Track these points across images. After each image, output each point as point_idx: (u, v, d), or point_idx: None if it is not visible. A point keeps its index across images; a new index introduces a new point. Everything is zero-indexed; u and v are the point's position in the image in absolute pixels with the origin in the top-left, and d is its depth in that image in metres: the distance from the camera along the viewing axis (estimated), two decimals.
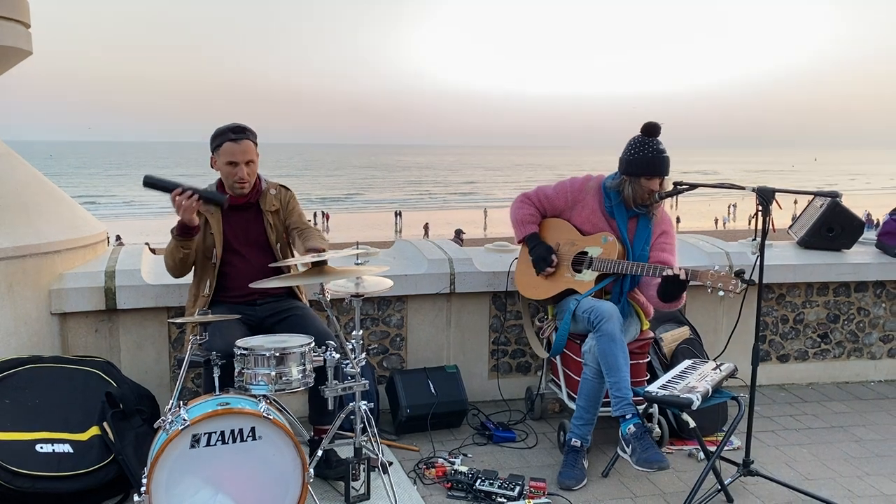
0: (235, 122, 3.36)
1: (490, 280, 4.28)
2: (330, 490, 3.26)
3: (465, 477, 3.31)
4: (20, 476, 2.88)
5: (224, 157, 3.30)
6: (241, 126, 3.35)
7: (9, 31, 3.65)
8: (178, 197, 3.09)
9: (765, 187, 3.21)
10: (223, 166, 3.32)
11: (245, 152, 3.31)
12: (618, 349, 3.31)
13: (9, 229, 3.53)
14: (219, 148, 3.32)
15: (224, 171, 3.33)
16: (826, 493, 3.34)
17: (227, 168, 3.31)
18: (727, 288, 3.16)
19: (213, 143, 3.35)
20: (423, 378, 4.00)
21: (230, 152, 3.29)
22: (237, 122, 3.37)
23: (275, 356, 2.91)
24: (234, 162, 3.30)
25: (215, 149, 3.34)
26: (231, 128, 3.32)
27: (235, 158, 3.30)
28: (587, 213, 3.69)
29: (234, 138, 3.30)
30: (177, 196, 3.09)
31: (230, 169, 3.31)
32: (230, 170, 3.31)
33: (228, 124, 3.35)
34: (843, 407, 4.49)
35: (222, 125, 3.36)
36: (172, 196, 3.11)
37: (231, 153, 3.29)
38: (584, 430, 3.47)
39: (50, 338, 3.66)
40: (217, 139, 3.33)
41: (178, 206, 3.10)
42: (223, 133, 3.31)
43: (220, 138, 3.32)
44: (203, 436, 2.65)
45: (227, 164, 3.30)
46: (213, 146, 3.34)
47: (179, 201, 3.09)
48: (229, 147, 3.29)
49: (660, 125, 3.51)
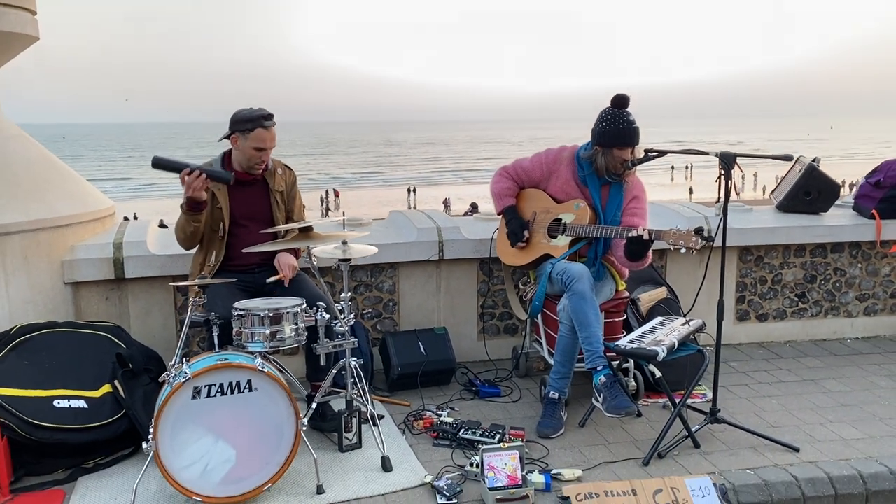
0: (261, 107, 3.52)
1: (477, 247, 4.51)
2: (325, 441, 3.53)
3: (449, 427, 3.57)
4: (40, 428, 3.16)
5: (253, 142, 3.48)
6: (270, 113, 3.52)
7: (15, 19, 3.88)
8: (187, 177, 3.31)
9: (727, 152, 3.40)
10: (249, 149, 3.50)
11: (273, 138, 3.52)
12: (588, 307, 3.54)
13: (23, 205, 3.79)
14: (249, 132, 3.47)
15: (248, 154, 3.51)
16: (788, 438, 3.57)
17: (253, 152, 3.50)
18: (688, 245, 3.37)
19: (241, 126, 3.48)
20: (414, 339, 4.25)
21: (261, 138, 3.48)
22: (262, 107, 3.52)
23: (269, 316, 3.16)
24: (261, 147, 3.50)
25: (244, 131, 3.48)
26: (264, 115, 3.48)
27: (265, 145, 3.50)
28: (561, 182, 3.91)
29: (267, 126, 3.48)
30: (185, 176, 3.31)
31: (256, 153, 3.51)
32: (256, 153, 3.51)
33: (257, 110, 3.49)
34: (816, 362, 4.70)
35: (247, 109, 3.51)
36: (181, 175, 3.32)
37: (261, 139, 3.48)
38: (561, 384, 3.71)
39: (64, 305, 3.94)
40: (248, 123, 3.47)
41: (187, 186, 3.32)
42: (255, 119, 3.46)
43: (251, 123, 3.46)
44: (204, 388, 2.91)
45: (254, 148, 3.49)
46: (242, 128, 3.48)
47: (188, 181, 3.31)
48: (261, 133, 3.47)
49: (628, 97, 3.70)
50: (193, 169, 3.32)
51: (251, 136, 3.48)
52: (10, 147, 3.97)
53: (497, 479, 3.01)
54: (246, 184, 3.63)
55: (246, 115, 3.49)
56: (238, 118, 3.51)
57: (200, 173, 3.31)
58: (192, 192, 3.34)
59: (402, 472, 3.24)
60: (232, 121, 3.54)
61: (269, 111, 3.52)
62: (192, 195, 3.35)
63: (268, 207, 3.68)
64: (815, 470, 3.30)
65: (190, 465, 2.91)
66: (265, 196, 3.68)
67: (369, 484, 3.15)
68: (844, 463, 3.36)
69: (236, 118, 3.52)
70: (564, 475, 3.19)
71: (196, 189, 3.33)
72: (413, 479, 3.18)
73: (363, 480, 3.18)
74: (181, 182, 3.34)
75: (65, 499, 3.07)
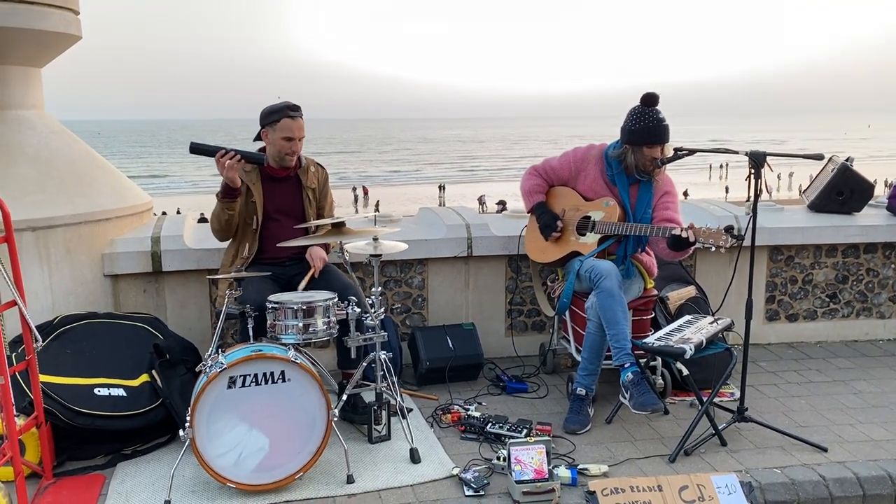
0: (288, 100, 3.65)
1: (506, 244, 4.56)
2: (355, 432, 3.61)
3: (477, 421, 3.62)
4: (82, 415, 3.28)
5: (281, 133, 3.60)
6: (296, 105, 3.64)
7: (60, 19, 4.01)
8: (222, 158, 3.43)
9: (757, 151, 3.41)
10: (278, 140, 3.62)
11: (300, 128, 3.63)
12: (616, 304, 3.56)
13: (66, 199, 3.92)
14: (276, 123, 3.60)
15: (278, 145, 3.63)
16: (816, 438, 3.55)
17: (283, 142, 3.62)
18: (718, 243, 3.38)
19: (268, 119, 3.63)
20: (442, 334, 4.31)
21: (288, 128, 3.60)
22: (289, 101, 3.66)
23: (302, 309, 3.24)
24: (290, 137, 3.61)
25: (271, 123, 3.62)
26: (289, 106, 3.61)
27: (292, 134, 3.61)
28: (590, 181, 3.93)
29: (292, 115, 3.60)
30: (220, 157, 3.43)
31: (285, 143, 3.62)
32: (285, 144, 3.62)
33: (282, 102, 3.63)
34: (847, 363, 4.67)
35: (273, 103, 3.65)
36: (217, 158, 3.45)
37: (289, 129, 3.60)
38: (588, 381, 3.74)
39: (104, 297, 4.06)
40: (274, 115, 3.61)
41: (222, 167, 3.45)
42: (281, 110, 3.60)
43: (277, 114, 3.60)
44: (239, 378, 3.00)
45: (283, 138, 3.61)
46: (270, 121, 3.62)
47: (223, 162, 3.43)
48: (287, 123, 3.59)
49: (658, 95, 3.72)
50: (227, 150, 3.44)
51: (278, 127, 3.60)
52: (53, 143, 4.10)
53: (524, 472, 3.05)
54: (280, 179, 3.73)
55: (272, 108, 3.64)
56: (265, 112, 3.66)
57: (235, 154, 3.43)
58: (227, 173, 3.46)
59: (430, 464, 3.30)
60: (260, 117, 3.67)
61: (295, 103, 3.64)
62: (227, 175, 3.46)
63: (300, 203, 3.77)
64: (843, 470, 3.29)
65: (225, 452, 3.00)
66: (298, 192, 3.77)
67: (398, 475, 3.21)
68: (873, 464, 3.35)
69: (263, 113, 3.66)
70: (591, 470, 3.22)
71: (231, 169, 3.44)
72: (441, 472, 3.24)
73: (392, 471, 3.24)
74: (216, 164, 3.45)
75: (104, 483, 3.18)
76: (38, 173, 3.89)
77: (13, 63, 3.98)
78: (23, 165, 3.88)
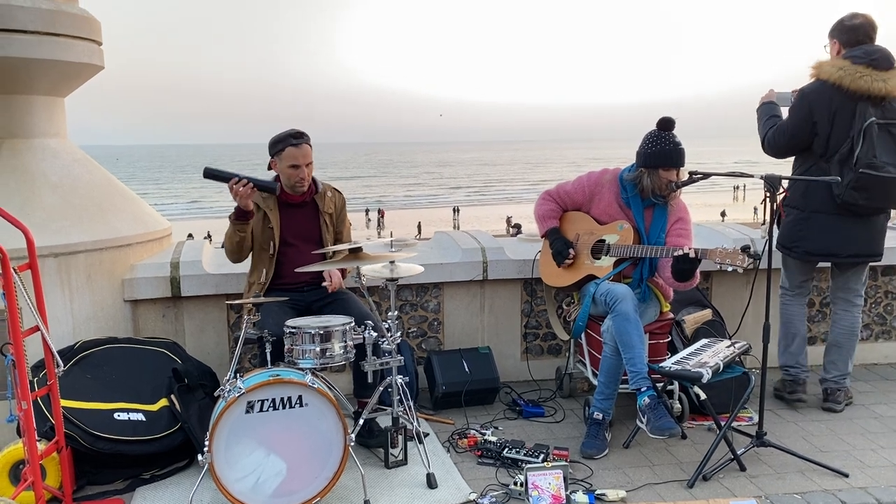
0: (293, 128, 3.70)
1: (521, 267, 4.57)
2: (371, 456, 3.61)
3: (493, 446, 3.61)
4: (101, 439, 3.31)
5: (286, 161, 3.65)
6: (300, 132, 3.68)
7: (84, 50, 4.10)
8: (235, 185, 3.47)
9: (772, 175, 3.43)
10: (285, 169, 3.66)
11: (305, 155, 3.66)
12: (632, 328, 3.56)
13: (87, 225, 3.98)
14: (281, 152, 3.65)
15: (286, 174, 3.68)
16: (838, 463, 3.52)
17: (290, 171, 3.66)
18: (735, 263, 3.38)
19: (274, 149, 3.68)
20: (458, 358, 4.32)
21: (292, 156, 3.64)
22: (295, 128, 3.71)
23: (319, 334, 3.26)
24: (296, 165, 3.65)
25: (276, 153, 3.67)
26: (292, 134, 3.65)
27: (297, 162, 3.64)
28: (604, 204, 3.96)
29: (296, 143, 3.64)
30: (234, 184, 3.47)
31: (292, 171, 3.66)
32: (292, 172, 3.66)
33: (287, 130, 3.67)
34: (867, 387, 4.62)
35: (279, 132, 3.69)
36: (230, 185, 3.49)
37: (293, 157, 3.64)
38: (605, 405, 3.73)
39: (123, 322, 4.11)
40: (278, 145, 3.66)
41: (236, 194, 3.49)
42: (284, 139, 3.64)
43: (281, 144, 3.65)
44: (257, 402, 3.02)
45: (289, 167, 3.65)
46: (275, 151, 3.68)
47: (236, 189, 3.47)
48: (291, 151, 3.63)
49: (674, 119, 3.75)
50: (241, 178, 3.47)
51: (283, 156, 3.64)
52: (75, 171, 4.17)
53: (541, 497, 3.05)
54: (296, 205, 3.77)
55: (276, 137, 3.68)
56: (270, 142, 3.70)
57: (248, 182, 3.47)
58: (241, 201, 3.49)
59: (446, 489, 3.29)
60: (268, 148, 3.71)
61: (301, 130, 3.67)
62: (240, 203, 3.50)
63: (317, 228, 3.81)
64: (864, 496, 3.25)
65: (243, 477, 3.01)
66: (315, 217, 3.81)
67: (414, 500, 3.21)
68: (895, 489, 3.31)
69: (270, 143, 3.70)
70: (608, 496, 3.21)
71: (243, 196, 3.48)
72: (457, 497, 3.23)
73: (408, 496, 3.24)
74: (230, 190, 3.49)
75: None
76: (60, 200, 3.97)
77: (38, 93, 4.07)
78: (46, 193, 3.95)
